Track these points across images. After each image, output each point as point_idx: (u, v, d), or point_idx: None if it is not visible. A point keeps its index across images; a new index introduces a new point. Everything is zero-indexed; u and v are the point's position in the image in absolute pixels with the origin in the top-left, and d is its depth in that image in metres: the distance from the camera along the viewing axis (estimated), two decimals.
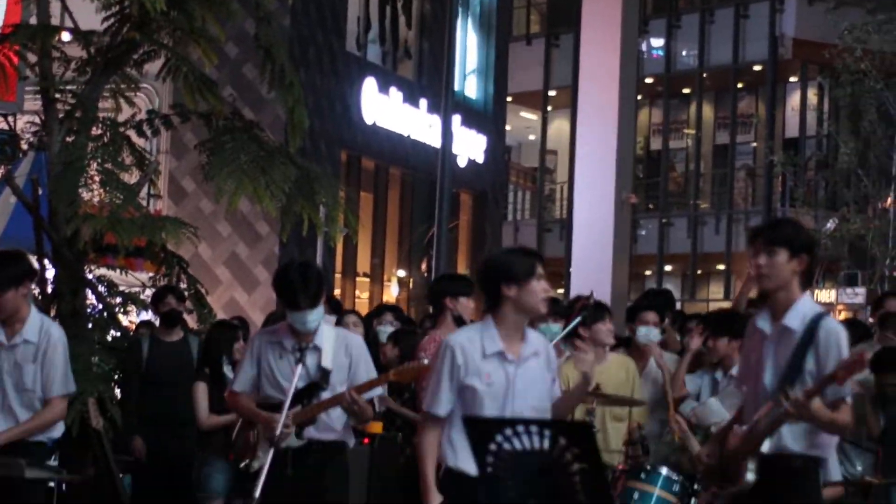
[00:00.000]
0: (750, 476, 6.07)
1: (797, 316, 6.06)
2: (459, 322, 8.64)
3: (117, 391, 10.71)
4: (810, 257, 6.15)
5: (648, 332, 9.77)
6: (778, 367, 6.07)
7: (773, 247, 6.08)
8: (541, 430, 5.43)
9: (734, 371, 8.35)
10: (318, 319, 7.34)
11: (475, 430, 5.64)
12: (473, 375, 6.34)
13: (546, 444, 5.43)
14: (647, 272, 41.77)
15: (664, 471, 8.22)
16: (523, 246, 6.53)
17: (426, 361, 7.36)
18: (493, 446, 5.51)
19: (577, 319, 9.28)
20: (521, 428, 5.46)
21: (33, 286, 8.03)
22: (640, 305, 10.18)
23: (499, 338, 6.36)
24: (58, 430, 7.49)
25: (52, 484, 7.55)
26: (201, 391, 9.79)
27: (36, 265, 9.99)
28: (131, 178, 11.76)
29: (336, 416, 7.45)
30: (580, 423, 6.03)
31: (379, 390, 7.69)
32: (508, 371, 6.33)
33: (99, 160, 10.84)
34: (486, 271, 6.48)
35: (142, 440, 10.39)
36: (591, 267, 38.04)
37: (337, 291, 25.18)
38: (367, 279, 27.66)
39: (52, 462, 7.41)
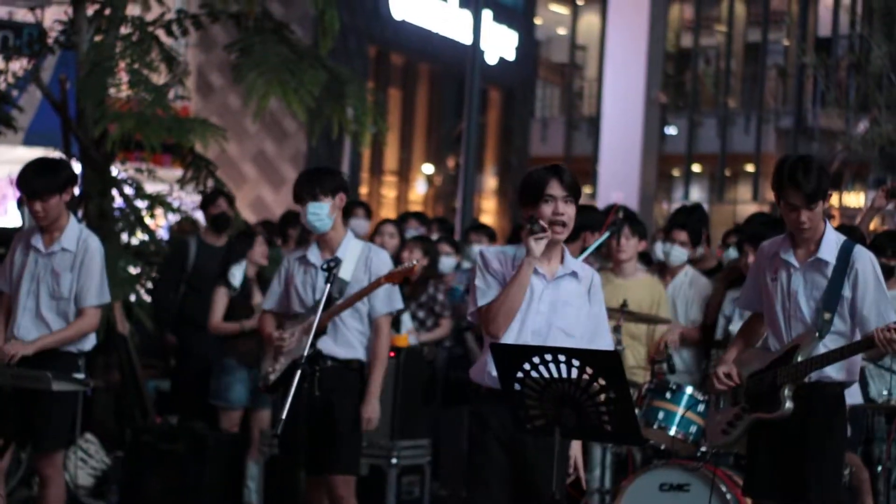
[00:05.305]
0: (789, 404, 6.32)
1: (829, 247, 6.45)
2: None
3: (144, 295, 10.69)
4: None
5: (671, 251, 9.53)
6: (811, 295, 6.44)
7: (814, 203, 6.36)
8: (568, 360, 5.44)
9: None
10: (322, 215, 7.29)
11: (501, 356, 5.64)
12: (504, 284, 6.20)
13: (573, 373, 5.44)
14: (675, 172, 41.59)
15: (689, 390, 8.19)
16: (548, 166, 6.38)
17: (414, 262, 7.33)
18: (520, 374, 5.52)
19: (606, 234, 9.20)
20: (548, 356, 5.47)
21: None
22: (672, 223, 9.89)
23: None
24: (89, 342, 7.53)
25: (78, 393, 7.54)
26: (220, 295, 9.74)
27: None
28: (160, 78, 11.71)
29: (354, 331, 7.45)
30: (608, 352, 5.96)
31: (398, 303, 7.66)
32: (535, 286, 6.19)
33: (128, 60, 10.81)
34: (517, 191, 6.43)
35: (175, 338, 10.36)
36: (619, 165, 37.89)
37: (364, 190, 25.11)
38: (395, 177, 27.58)
39: (80, 373, 7.38)
